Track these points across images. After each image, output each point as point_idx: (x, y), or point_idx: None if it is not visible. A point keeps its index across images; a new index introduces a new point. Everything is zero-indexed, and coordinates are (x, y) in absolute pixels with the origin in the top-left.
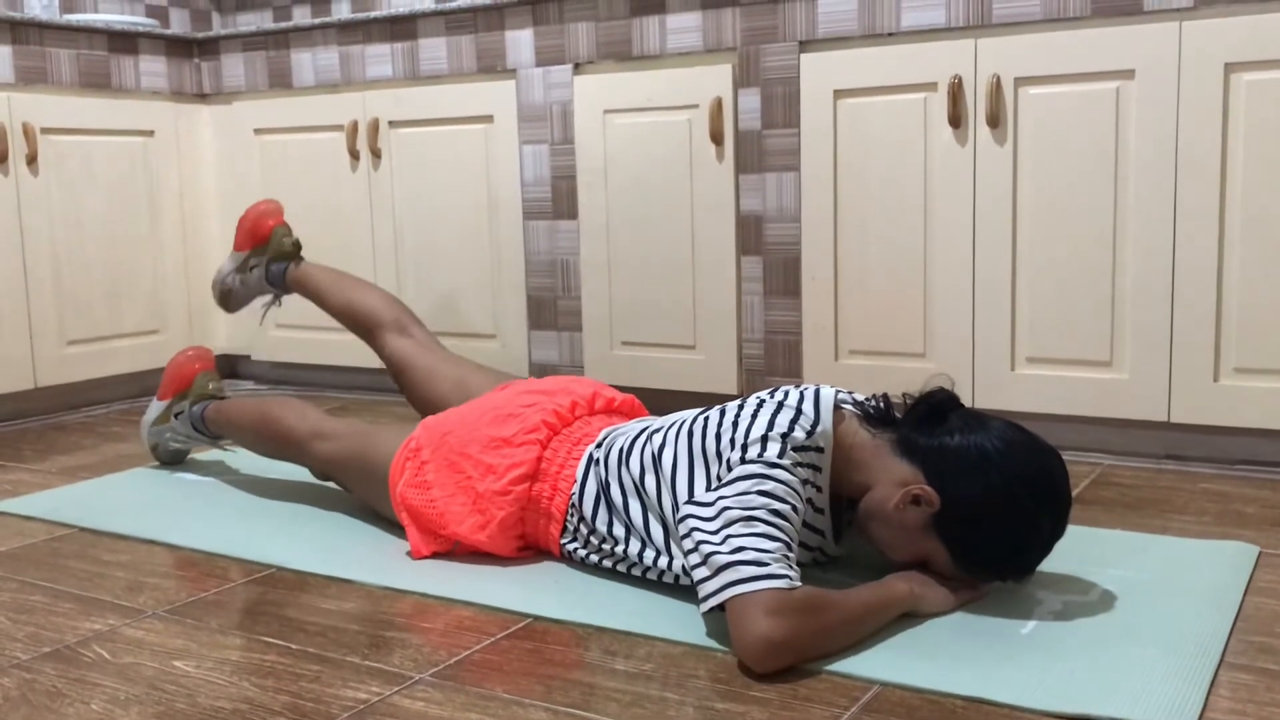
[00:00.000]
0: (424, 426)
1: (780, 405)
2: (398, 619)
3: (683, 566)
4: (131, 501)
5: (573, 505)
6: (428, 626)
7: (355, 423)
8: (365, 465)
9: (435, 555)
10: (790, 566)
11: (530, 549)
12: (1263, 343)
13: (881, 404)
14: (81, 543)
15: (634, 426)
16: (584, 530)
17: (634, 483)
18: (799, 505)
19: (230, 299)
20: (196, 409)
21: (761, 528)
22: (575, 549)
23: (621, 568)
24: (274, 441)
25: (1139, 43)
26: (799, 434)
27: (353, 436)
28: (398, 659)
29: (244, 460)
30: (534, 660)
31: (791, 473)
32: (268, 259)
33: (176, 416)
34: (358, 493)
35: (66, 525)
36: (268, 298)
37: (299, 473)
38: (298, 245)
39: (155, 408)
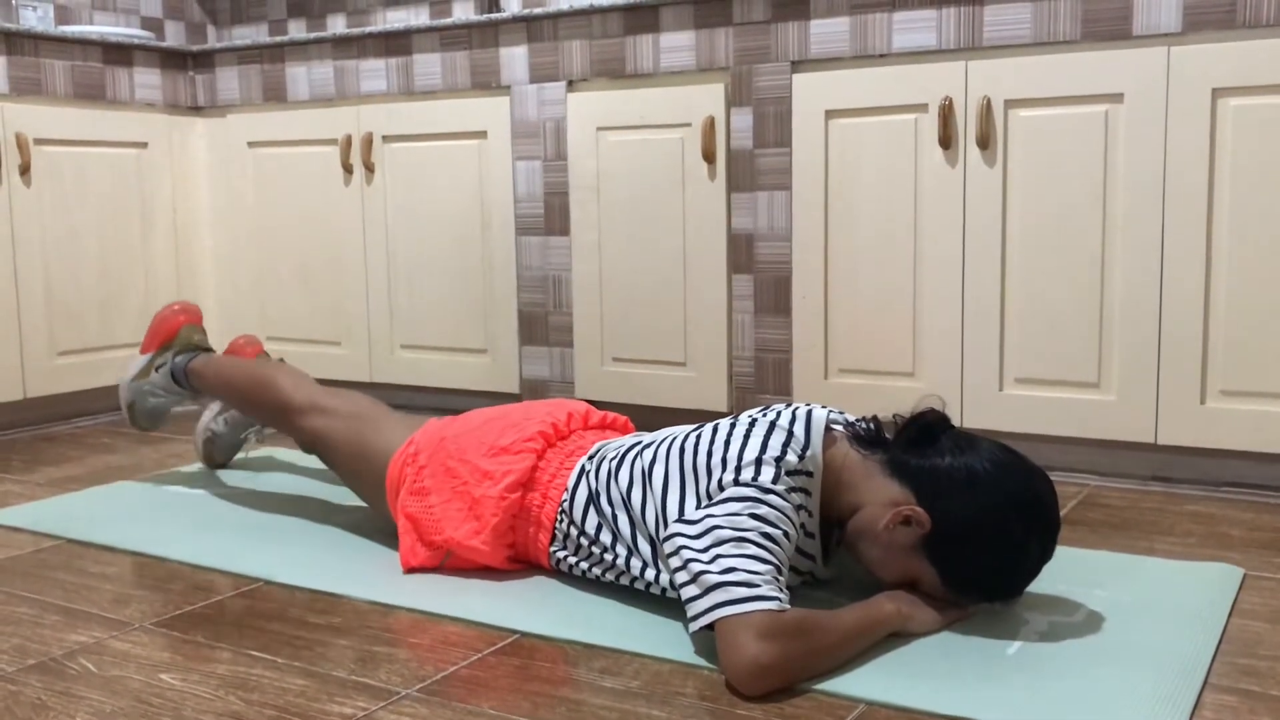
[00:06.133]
0: (424, 431)
1: (772, 425)
2: (385, 634)
3: (670, 580)
4: (119, 513)
5: (563, 511)
6: (415, 642)
7: (355, 401)
8: (361, 453)
9: (424, 569)
10: (780, 589)
11: (519, 561)
12: (1249, 366)
13: (872, 426)
14: (68, 554)
15: (626, 441)
16: (574, 533)
17: (622, 497)
18: (791, 531)
19: (214, 450)
20: (180, 360)
21: (752, 549)
22: (564, 556)
23: (610, 575)
24: (263, 406)
25: (1128, 67)
26: (791, 458)
27: (351, 419)
28: (384, 674)
29: (232, 474)
30: (521, 677)
31: (785, 498)
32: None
33: (157, 370)
34: (343, 473)
35: (53, 537)
36: (255, 429)
37: (289, 485)
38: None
39: (136, 362)
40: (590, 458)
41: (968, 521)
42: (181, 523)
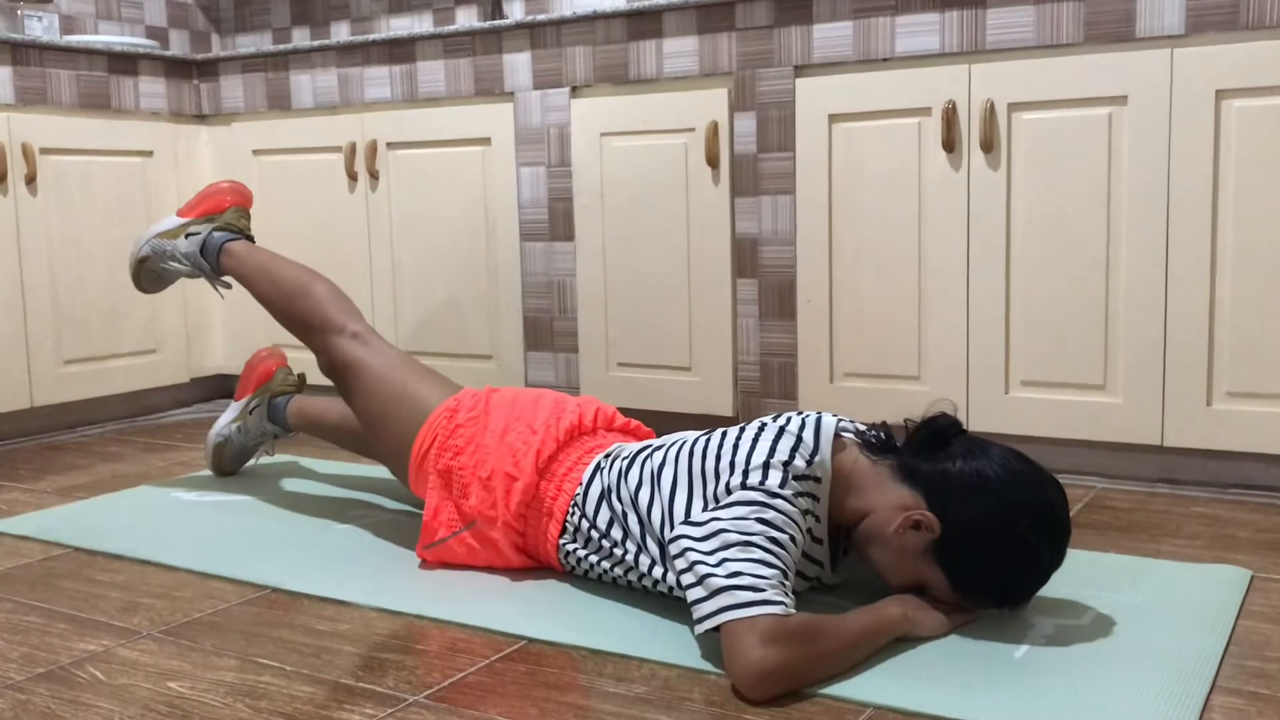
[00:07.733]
0: (465, 395)
1: (782, 430)
2: (392, 641)
3: (677, 580)
4: (127, 522)
5: (575, 504)
6: (422, 648)
7: (395, 348)
8: (400, 396)
9: (438, 546)
10: (785, 594)
11: (526, 554)
12: (1255, 367)
13: (882, 433)
14: (76, 563)
15: (640, 445)
16: (585, 526)
17: (630, 496)
18: (798, 536)
19: (224, 456)
20: (219, 235)
21: (759, 554)
22: (573, 549)
23: (619, 570)
24: (299, 313)
25: (1131, 69)
26: (799, 463)
27: (393, 360)
28: (392, 681)
29: (240, 482)
30: (528, 683)
31: (792, 503)
32: (268, 396)
33: (188, 236)
34: (368, 410)
35: (61, 545)
36: (269, 438)
37: (296, 492)
38: (301, 379)
39: (168, 220)
40: (606, 455)
41: (978, 527)
42: (189, 530)
